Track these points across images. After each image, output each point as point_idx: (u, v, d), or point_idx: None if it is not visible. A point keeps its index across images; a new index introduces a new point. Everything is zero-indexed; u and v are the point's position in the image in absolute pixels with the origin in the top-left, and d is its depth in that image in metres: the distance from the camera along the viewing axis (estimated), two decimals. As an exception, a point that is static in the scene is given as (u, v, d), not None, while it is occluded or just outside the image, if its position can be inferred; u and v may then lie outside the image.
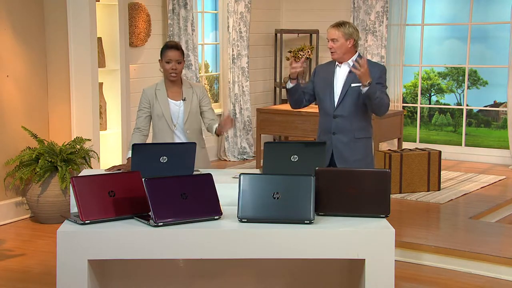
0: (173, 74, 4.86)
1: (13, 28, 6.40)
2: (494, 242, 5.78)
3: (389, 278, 3.48)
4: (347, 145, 4.81)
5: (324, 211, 3.64)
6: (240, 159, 9.29)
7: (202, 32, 9.10)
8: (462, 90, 9.70)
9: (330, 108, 4.85)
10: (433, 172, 7.42)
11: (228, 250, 3.47)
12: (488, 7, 9.49)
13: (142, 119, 4.94)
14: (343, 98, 4.80)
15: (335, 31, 4.82)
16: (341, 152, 4.81)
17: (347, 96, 4.80)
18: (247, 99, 9.34)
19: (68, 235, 3.44)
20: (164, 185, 3.48)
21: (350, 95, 4.79)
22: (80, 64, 6.64)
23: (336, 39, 4.80)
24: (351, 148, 4.82)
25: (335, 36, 4.82)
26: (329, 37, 4.86)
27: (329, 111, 4.85)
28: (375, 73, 4.75)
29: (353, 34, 4.81)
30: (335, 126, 4.81)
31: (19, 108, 6.51)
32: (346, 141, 4.81)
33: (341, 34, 4.79)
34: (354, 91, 4.78)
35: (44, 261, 5.40)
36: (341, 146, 4.82)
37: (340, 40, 4.80)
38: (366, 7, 9.35)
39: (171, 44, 4.91)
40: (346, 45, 4.80)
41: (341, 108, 4.81)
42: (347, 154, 4.81)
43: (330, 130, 4.84)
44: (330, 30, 4.85)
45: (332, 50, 4.86)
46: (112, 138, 7.09)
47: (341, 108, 4.81)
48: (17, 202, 6.53)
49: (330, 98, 4.85)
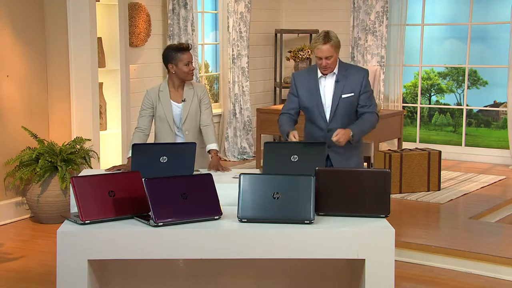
0: (192, 74, 4.90)
1: (13, 28, 6.40)
2: (494, 242, 5.78)
3: (389, 278, 3.48)
4: (343, 155, 4.70)
5: (324, 211, 3.64)
6: (240, 159, 9.29)
7: (202, 32, 9.10)
8: (462, 90, 9.71)
9: (322, 123, 4.70)
10: (433, 172, 7.42)
11: (228, 250, 3.47)
12: (488, 7, 9.49)
13: (144, 119, 4.94)
14: (335, 111, 4.65)
15: (328, 47, 4.51)
16: (340, 163, 4.68)
17: (338, 108, 4.65)
18: (247, 99, 9.35)
19: (68, 235, 3.44)
20: (164, 185, 3.48)
21: (342, 107, 4.65)
22: (80, 64, 6.64)
23: (331, 55, 4.55)
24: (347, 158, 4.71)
25: (329, 53, 4.54)
26: (322, 55, 4.53)
27: (322, 125, 4.70)
28: (358, 80, 4.65)
29: (339, 43, 4.59)
30: (330, 140, 4.58)
31: (19, 108, 6.51)
32: (343, 151, 4.70)
33: (333, 48, 4.53)
34: (345, 102, 4.65)
35: (44, 261, 5.40)
36: (337, 158, 4.70)
37: (333, 56, 4.56)
38: (366, 7, 9.34)
39: (185, 46, 4.91)
40: (337, 57, 4.61)
41: (335, 121, 4.65)
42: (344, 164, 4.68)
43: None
44: (323, 48, 4.51)
45: (327, 67, 4.59)
46: (112, 138, 7.09)
47: (334, 121, 4.66)
48: (17, 202, 6.53)
49: (321, 113, 4.68)
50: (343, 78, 4.67)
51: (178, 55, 4.85)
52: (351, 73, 4.70)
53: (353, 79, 4.68)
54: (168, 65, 4.90)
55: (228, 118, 9.24)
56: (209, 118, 4.98)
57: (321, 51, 4.54)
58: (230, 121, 9.25)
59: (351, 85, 4.67)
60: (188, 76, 4.90)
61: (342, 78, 4.67)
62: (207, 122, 4.96)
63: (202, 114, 4.97)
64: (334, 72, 4.67)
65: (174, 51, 4.88)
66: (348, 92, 4.64)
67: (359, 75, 4.68)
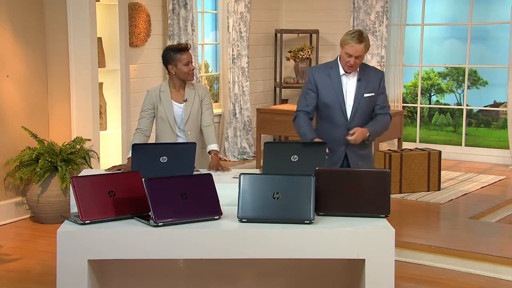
0: (192, 74, 4.89)
1: (13, 28, 6.40)
2: (494, 242, 5.78)
3: (389, 278, 3.48)
4: (361, 156, 4.69)
5: (324, 211, 3.64)
6: (240, 159, 9.29)
7: (202, 32, 9.10)
8: (462, 90, 9.70)
9: (342, 121, 4.64)
10: (433, 172, 7.42)
11: (228, 250, 3.47)
12: (488, 7, 9.49)
13: (145, 120, 4.93)
14: (357, 110, 4.63)
15: (361, 47, 4.48)
16: (357, 163, 4.64)
17: (360, 107, 4.63)
18: (247, 99, 9.34)
19: (68, 235, 3.44)
20: (164, 185, 3.48)
21: (363, 106, 4.64)
22: (80, 64, 6.64)
23: (362, 55, 4.52)
24: (364, 158, 4.70)
25: (362, 52, 4.50)
26: (354, 54, 4.49)
27: (341, 123, 4.64)
28: (377, 81, 4.66)
29: (369, 45, 4.58)
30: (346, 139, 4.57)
31: (19, 108, 6.51)
32: (360, 152, 4.68)
33: (365, 49, 4.52)
34: (366, 101, 4.64)
35: (44, 261, 5.40)
36: (356, 158, 4.67)
37: (362, 56, 4.54)
38: (366, 7, 9.34)
39: (184, 46, 4.89)
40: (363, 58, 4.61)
41: (355, 120, 4.62)
42: (361, 164, 4.65)
43: (342, 142, 4.64)
44: (357, 47, 4.47)
45: (354, 66, 4.55)
46: (112, 138, 7.09)
47: (355, 120, 4.62)
48: (17, 202, 6.53)
49: (343, 110, 4.63)
50: (364, 77, 4.65)
51: (177, 55, 4.84)
52: (370, 73, 4.70)
53: (373, 79, 4.68)
54: (168, 66, 4.89)
55: (228, 118, 9.24)
56: (210, 119, 4.98)
57: (355, 49, 4.49)
58: (230, 121, 9.25)
59: (372, 85, 4.67)
60: (188, 77, 4.89)
61: (364, 77, 4.65)
62: (208, 122, 4.96)
63: (203, 114, 4.97)
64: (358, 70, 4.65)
65: (173, 52, 4.87)
66: (369, 92, 4.64)
67: (378, 76, 4.69)
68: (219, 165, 4.65)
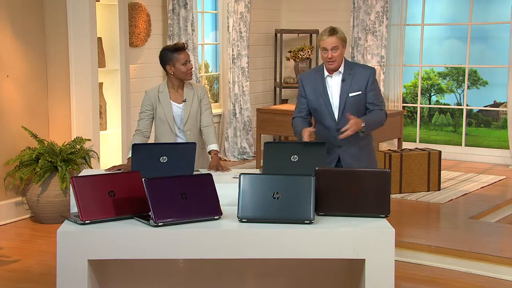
0: (191, 74, 4.88)
1: (13, 28, 6.40)
2: (494, 242, 5.78)
3: (389, 278, 3.48)
4: (354, 156, 4.67)
5: (324, 211, 3.64)
6: (240, 159, 9.29)
7: (202, 32, 9.10)
8: (462, 90, 9.71)
9: (331, 123, 4.65)
10: (433, 172, 7.42)
11: (228, 250, 3.47)
12: (488, 7, 9.50)
13: (144, 121, 4.92)
14: (343, 111, 4.60)
15: (333, 39, 4.53)
16: (351, 164, 4.63)
17: (346, 107, 4.60)
18: (247, 99, 9.35)
19: (68, 235, 3.44)
20: (164, 185, 3.48)
21: (350, 106, 4.61)
22: (80, 64, 6.64)
23: (337, 46, 4.53)
24: (358, 159, 4.67)
25: (336, 43, 4.53)
26: (328, 46, 4.53)
27: (331, 125, 4.65)
28: (364, 79, 4.63)
29: (345, 39, 4.61)
30: (340, 140, 4.57)
31: (19, 108, 6.51)
32: (353, 152, 4.66)
33: (339, 41, 4.55)
34: (352, 100, 4.62)
35: (44, 261, 5.40)
36: (348, 158, 4.66)
37: (339, 47, 4.55)
38: (366, 7, 9.34)
39: (181, 46, 4.87)
40: (343, 52, 4.60)
41: (343, 121, 4.56)
42: (355, 165, 4.62)
43: (335, 143, 4.63)
44: (328, 39, 4.52)
45: (333, 60, 4.56)
46: (112, 138, 7.09)
47: (343, 121, 4.57)
48: (17, 202, 6.53)
49: (329, 113, 4.63)
50: (349, 77, 4.64)
51: (174, 55, 4.83)
52: (357, 71, 4.67)
53: (359, 77, 4.65)
54: (166, 66, 4.87)
55: (228, 118, 9.24)
56: (209, 119, 4.97)
57: (327, 42, 4.52)
58: (230, 121, 9.25)
59: (358, 83, 4.64)
60: (187, 76, 4.88)
61: (348, 76, 4.64)
62: (208, 122, 4.95)
63: (202, 115, 4.95)
64: (340, 71, 4.64)
65: (170, 52, 4.85)
66: (355, 91, 4.61)
67: (365, 73, 4.65)
68: (219, 165, 4.65)
